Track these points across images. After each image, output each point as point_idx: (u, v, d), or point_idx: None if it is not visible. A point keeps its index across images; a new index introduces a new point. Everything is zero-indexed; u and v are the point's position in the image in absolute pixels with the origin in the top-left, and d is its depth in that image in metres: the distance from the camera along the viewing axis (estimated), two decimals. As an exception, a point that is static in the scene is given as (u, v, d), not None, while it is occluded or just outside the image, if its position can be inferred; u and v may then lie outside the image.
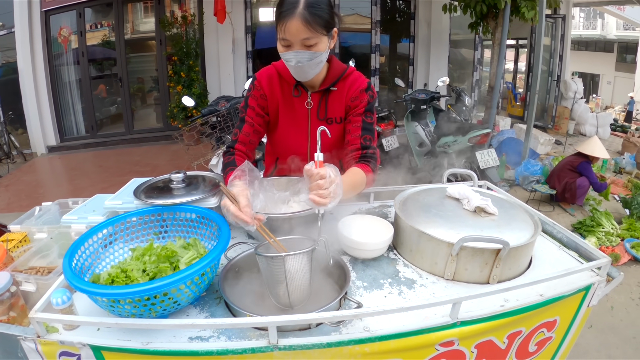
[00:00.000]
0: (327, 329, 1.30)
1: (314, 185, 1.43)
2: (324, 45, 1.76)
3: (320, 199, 1.41)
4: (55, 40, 9.59)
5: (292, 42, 1.72)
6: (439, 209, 1.79)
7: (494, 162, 5.60)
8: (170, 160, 8.58)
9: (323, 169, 1.44)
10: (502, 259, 1.51)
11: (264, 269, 1.40)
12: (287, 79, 2.00)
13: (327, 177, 1.43)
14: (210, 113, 5.58)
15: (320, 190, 1.41)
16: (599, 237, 5.13)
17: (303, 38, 1.69)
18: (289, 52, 1.75)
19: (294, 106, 2.03)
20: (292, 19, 1.65)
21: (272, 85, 2.02)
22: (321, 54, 1.77)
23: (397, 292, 1.52)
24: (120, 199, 1.83)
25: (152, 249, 1.51)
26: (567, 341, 1.69)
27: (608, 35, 22.31)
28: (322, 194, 1.41)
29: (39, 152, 9.67)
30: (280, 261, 1.32)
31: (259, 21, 10.23)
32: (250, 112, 2.02)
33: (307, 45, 1.72)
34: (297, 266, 1.35)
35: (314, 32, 1.68)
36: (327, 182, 1.42)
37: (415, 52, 10.83)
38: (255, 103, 2.02)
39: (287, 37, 1.70)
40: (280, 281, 1.35)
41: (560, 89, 11.28)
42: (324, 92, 1.99)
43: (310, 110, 2.02)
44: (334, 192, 1.44)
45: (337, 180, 1.45)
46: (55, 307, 1.28)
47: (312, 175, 1.43)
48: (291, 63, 1.79)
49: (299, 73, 1.85)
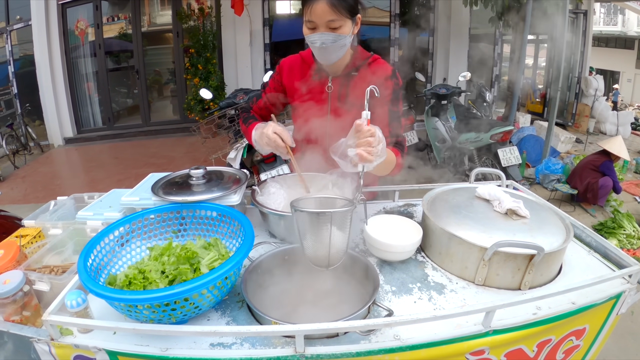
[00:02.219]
0: (355, 337, 1.25)
1: (363, 142, 1.47)
2: (347, 28, 1.79)
3: (368, 155, 1.45)
4: (72, 33, 9.67)
5: (318, 24, 1.76)
6: (469, 210, 1.73)
7: (516, 160, 5.52)
8: (187, 152, 8.58)
9: (373, 126, 1.49)
10: (535, 265, 1.45)
11: (302, 226, 1.37)
12: (309, 64, 2.06)
13: (376, 135, 1.47)
14: (228, 106, 5.54)
15: (369, 147, 1.46)
16: (620, 239, 5.05)
17: (328, 20, 1.73)
18: (314, 34, 1.79)
19: (315, 90, 2.05)
20: (318, 2, 1.70)
21: (292, 71, 2.09)
22: (345, 37, 1.80)
23: (427, 297, 1.46)
24: (138, 195, 1.79)
25: (170, 249, 1.46)
26: (594, 349, 1.64)
27: (629, 32, 22.02)
28: (371, 151, 1.45)
29: (56, 143, 9.75)
30: (326, 218, 1.30)
31: (276, 13, 10.21)
32: (269, 90, 2.16)
33: (332, 27, 1.76)
34: (339, 224, 1.34)
35: (339, 14, 1.73)
36: (376, 140, 1.47)
37: (434, 46, 10.71)
38: (273, 83, 2.15)
39: (313, 19, 1.75)
40: (322, 239, 1.34)
41: (580, 86, 11.13)
42: (346, 77, 2.01)
43: (331, 94, 2.03)
44: (381, 151, 1.49)
45: (383, 141, 1.50)
46: (70, 309, 1.23)
47: (362, 131, 1.48)
48: (316, 45, 1.81)
49: (323, 55, 1.87)
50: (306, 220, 1.35)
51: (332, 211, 1.30)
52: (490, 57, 11.06)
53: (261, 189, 1.89)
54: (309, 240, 1.38)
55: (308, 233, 1.36)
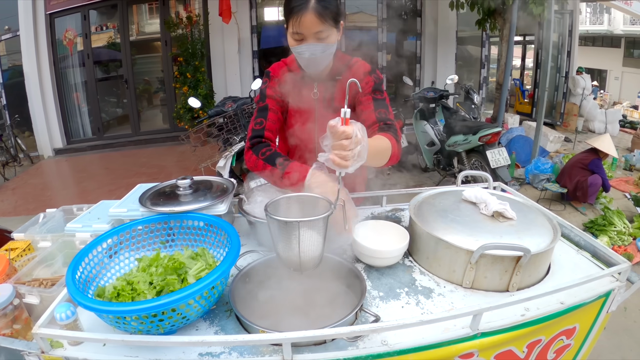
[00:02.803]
0: (343, 344, 1.24)
1: (336, 145, 1.33)
2: (334, 37, 1.81)
3: (341, 160, 1.32)
4: (60, 43, 9.64)
5: (306, 35, 1.75)
6: (456, 214, 1.73)
7: (504, 161, 5.53)
8: (177, 161, 8.57)
9: (350, 127, 1.33)
10: (523, 266, 1.46)
11: (273, 231, 1.37)
12: (295, 71, 2.03)
13: (352, 136, 1.32)
14: (217, 114, 5.55)
15: (343, 151, 1.32)
16: (610, 236, 5.07)
17: (317, 31, 1.73)
18: (301, 45, 1.78)
19: (302, 98, 2.03)
20: (305, 13, 1.69)
21: (282, 78, 2.04)
22: (332, 46, 1.82)
23: (415, 302, 1.46)
24: (126, 207, 1.78)
25: (158, 260, 1.46)
26: (585, 348, 1.65)
27: (615, 31, 22.13)
28: (345, 155, 1.32)
29: (46, 154, 9.71)
30: (294, 227, 1.28)
31: (264, 21, 10.21)
32: (271, 101, 2.00)
33: (320, 38, 1.75)
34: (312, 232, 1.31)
35: (326, 24, 1.73)
36: (352, 142, 1.32)
37: (422, 50, 10.75)
38: (273, 92, 2.02)
39: (301, 30, 1.73)
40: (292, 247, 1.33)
41: (568, 85, 11.20)
42: (330, 82, 2.01)
43: (317, 100, 2.03)
44: (359, 154, 1.35)
45: (363, 142, 1.36)
46: (59, 322, 1.23)
47: (336, 132, 1.33)
48: (304, 55, 1.81)
49: (311, 65, 1.87)
50: (275, 226, 1.34)
51: (300, 220, 1.27)
52: (478, 59, 11.12)
53: (248, 197, 1.89)
54: (280, 246, 1.38)
55: (278, 239, 1.36)
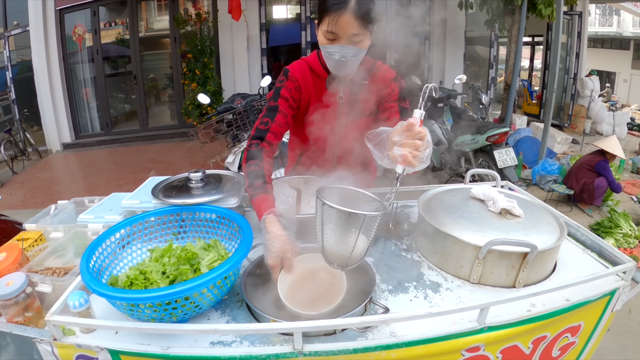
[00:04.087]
0: (352, 334, 1.26)
1: (409, 143, 1.32)
2: (367, 42, 1.74)
3: (413, 159, 1.32)
4: (69, 39, 9.67)
5: (340, 36, 1.68)
6: (464, 211, 1.74)
7: (512, 162, 5.53)
8: (185, 157, 8.58)
9: (425, 128, 1.34)
10: (529, 262, 1.47)
11: (327, 223, 1.31)
12: (318, 72, 1.97)
13: (425, 139, 1.34)
14: (225, 111, 5.57)
15: (415, 150, 1.32)
16: (616, 238, 5.06)
17: (353, 34, 1.67)
18: (334, 46, 1.71)
19: (326, 100, 1.98)
20: (344, 13, 1.62)
21: (305, 78, 1.97)
22: (364, 51, 1.76)
23: (423, 295, 1.48)
24: (138, 199, 1.81)
25: (171, 250, 1.48)
26: (590, 346, 1.66)
27: (624, 33, 22.04)
28: (417, 155, 1.32)
29: (54, 149, 9.75)
30: (358, 220, 1.24)
31: (273, 18, 10.22)
32: (283, 102, 1.92)
33: (355, 41, 1.70)
34: (370, 227, 1.29)
35: (363, 28, 1.67)
36: (424, 144, 1.34)
37: (430, 49, 10.73)
38: (288, 94, 1.94)
39: (336, 30, 1.66)
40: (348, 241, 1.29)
41: (576, 87, 11.16)
42: (356, 86, 1.96)
43: (342, 103, 1.99)
44: (427, 157, 1.35)
45: (431, 147, 1.37)
46: (73, 309, 1.25)
47: (413, 131, 1.33)
48: (335, 57, 1.74)
49: (339, 67, 1.81)
50: (333, 217, 1.29)
51: (366, 214, 1.23)
52: (486, 59, 11.08)
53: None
54: (332, 239, 1.32)
55: (332, 231, 1.31)
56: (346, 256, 1.32)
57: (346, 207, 1.23)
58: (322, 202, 1.27)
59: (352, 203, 1.37)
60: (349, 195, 1.45)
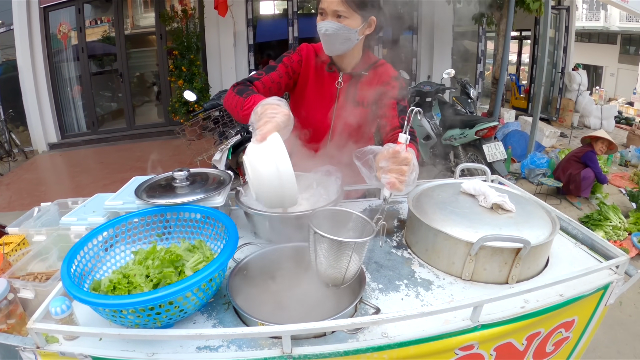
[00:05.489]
0: (343, 336, 1.24)
1: (396, 169, 1.41)
2: (354, 22, 1.86)
3: (399, 185, 1.40)
4: (54, 37, 9.56)
5: (326, 12, 1.85)
6: (455, 206, 1.72)
7: (501, 155, 5.55)
8: (172, 155, 8.52)
9: (410, 153, 1.42)
10: (522, 258, 1.45)
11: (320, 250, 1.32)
12: (322, 57, 2.08)
13: (411, 164, 1.42)
14: (212, 107, 5.54)
15: (402, 176, 1.40)
16: (606, 231, 5.10)
17: (334, 9, 1.82)
18: (322, 22, 1.86)
19: (324, 83, 2.09)
20: None
21: (309, 58, 2.10)
22: (349, 30, 1.86)
23: (414, 294, 1.46)
24: (121, 199, 1.77)
25: (155, 252, 1.44)
26: (583, 340, 1.66)
27: (611, 27, 22.15)
28: (403, 180, 1.40)
29: (40, 149, 9.66)
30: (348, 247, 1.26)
31: (260, 14, 10.19)
32: (282, 67, 2.05)
33: (338, 16, 1.83)
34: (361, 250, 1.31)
35: (346, 6, 1.80)
36: (410, 168, 1.42)
37: (418, 44, 10.75)
38: (289, 63, 2.07)
39: (323, 6, 1.85)
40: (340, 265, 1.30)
41: (564, 81, 11.22)
42: (355, 76, 2.06)
43: (340, 90, 2.08)
44: (412, 181, 1.44)
45: (416, 170, 1.45)
46: (54, 316, 1.21)
47: (398, 158, 1.41)
48: (321, 31, 1.88)
49: (326, 44, 1.93)
50: (324, 244, 1.30)
51: (355, 241, 1.25)
52: (474, 54, 11.11)
53: (245, 189, 1.87)
54: (325, 264, 1.33)
55: (325, 257, 1.32)
56: (340, 277, 1.33)
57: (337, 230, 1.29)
58: (314, 231, 1.28)
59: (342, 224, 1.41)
60: (339, 215, 1.47)
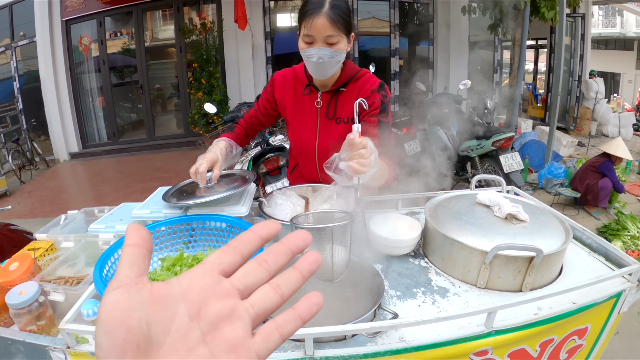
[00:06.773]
0: (362, 340, 1.28)
1: (355, 154, 1.48)
2: (343, 45, 1.85)
3: (361, 167, 1.46)
4: (76, 49, 9.76)
5: (316, 39, 1.80)
6: (470, 216, 1.76)
7: (518, 166, 5.53)
8: (191, 166, 8.58)
9: (365, 139, 1.50)
10: (535, 266, 1.48)
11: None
12: (301, 79, 2.09)
13: (368, 146, 1.49)
14: (232, 119, 5.59)
15: (362, 159, 1.47)
16: (624, 240, 5.04)
17: (327, 35, 1.78)
18: (311, 49, 1.82)
19: (305, 105, 2.10)
20: (318, 17, 1.75)
21: (284, 85, 2.13)
22: (341, 53, 1.85)
23: (431, 301, 1.50)
24: (148, 208, 1.83)
25: (182, 259, 1.50)
26: (597, 348, 1.66)
27: (628, 33, 21.89)
28: (364, 162, 1.46)
29: (62, 158, 9.82)
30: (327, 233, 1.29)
31: (277, 27, 10.27)
32: (262, 101, 2.20)
33: (330, 42, 1.80)
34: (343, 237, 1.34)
35: (337, 30, 1.78)
36: (368, 151, 1.48)
37: (434, 55, 10.74)
38: (266, 95, 2.19)
39: (312, 33, 1.79)
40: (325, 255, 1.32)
41: (581, 89, 11.14)
42: (334, 92, 2.04)
43: (320, 109, 2.07)
44: (374, 161, 1.50)
45: (375, 152, 1.52)
46: (86, 318, 1.27)
47: (354, 144, 1.49)
48: (312, 59, 1.84)
49: (318, 70, 1.90)
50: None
51: (332, 225, 1.29)
52: (490, 64, 11.08)
53: (268, 200, 1.92)
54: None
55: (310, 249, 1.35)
56: (329, 269, 1.36)
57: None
58: (295, 227, 1.33)
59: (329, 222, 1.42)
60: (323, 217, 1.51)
